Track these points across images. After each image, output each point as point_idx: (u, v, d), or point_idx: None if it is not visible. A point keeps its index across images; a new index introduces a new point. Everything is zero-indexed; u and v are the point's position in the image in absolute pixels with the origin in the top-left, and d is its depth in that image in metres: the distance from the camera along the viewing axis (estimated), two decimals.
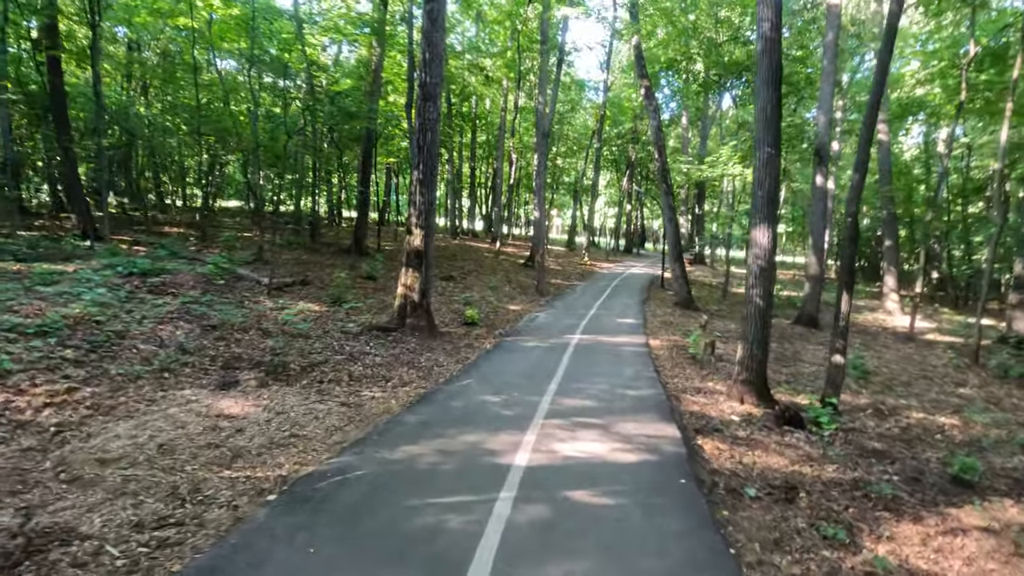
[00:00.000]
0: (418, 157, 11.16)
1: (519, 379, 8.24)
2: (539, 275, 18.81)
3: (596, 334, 12.50)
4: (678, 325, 15.07)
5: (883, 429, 8.24)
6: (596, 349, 10.93)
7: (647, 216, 49.36)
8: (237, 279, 12.98)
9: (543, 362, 9.50)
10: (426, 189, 11.11)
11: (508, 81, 28.69)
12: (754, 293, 8.17)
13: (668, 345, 12.21)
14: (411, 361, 9.09)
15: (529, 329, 12.73)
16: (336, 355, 8.84)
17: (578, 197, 40.39)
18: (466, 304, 14.57)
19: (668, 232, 18.95)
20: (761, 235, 8.06)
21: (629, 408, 7.14)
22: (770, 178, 7.99)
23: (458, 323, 12.65)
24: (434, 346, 10.27)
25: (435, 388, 7.54)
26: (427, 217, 11.18)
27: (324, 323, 10.68)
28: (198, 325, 9.01)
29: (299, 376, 7.51)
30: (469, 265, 21.58)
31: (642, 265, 32.35)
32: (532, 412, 6.53)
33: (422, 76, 11.25)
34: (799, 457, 6.49)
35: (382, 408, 6.35)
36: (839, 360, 8.61)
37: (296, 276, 14.35)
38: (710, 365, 10.93)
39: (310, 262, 17.19)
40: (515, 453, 5.14)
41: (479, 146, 34.58)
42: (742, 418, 7.66)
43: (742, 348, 8.40)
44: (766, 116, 7.99)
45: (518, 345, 10.95)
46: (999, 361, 12.54)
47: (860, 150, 8.53)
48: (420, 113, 11.24)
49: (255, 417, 5.53)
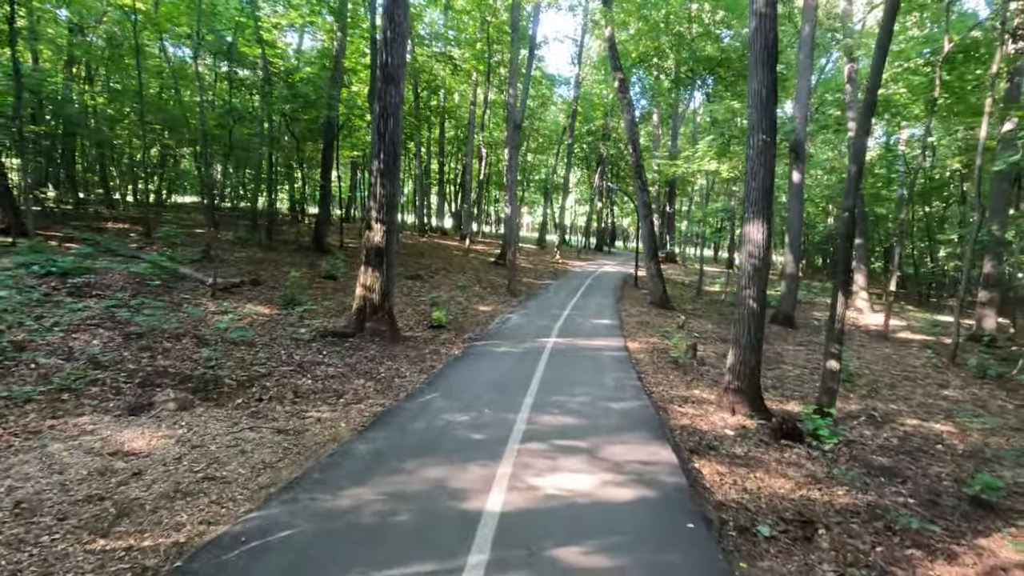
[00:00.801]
0: (379, 145, 10.06)
1: (491, 392, 7.26)
2: (510, 274, 17.86)
3: (572, 337, 11.62)
4: (655, 325, 14.35)
5: (882, 439, 7.59)
6: (573, 354, 10.04)
7: (617, 214, 48.96)
8: (179, 279, 11.63)
9: (517, 370, 8.55)
10: (388, 180, 10.03)
11: (478, 74, 27.63)
12: (747, 294, 7.39)
13: (647, 348, 11.42)
14: (369, 372, 8.02)
15: (501, 332, 11.76)
16: (282, 366, 7.70)
17: (549, 195, 39.61)
18: (433, 305, 13.51)
19: (642, 229, 18.25)
20: (755, 231, 7.29)
21: (615, 425, 6.25)
22: (764, 168, 7.22)
23: (424, 326, 11.60)
24: (396, 353, 9.20)
25: (394, 405, 6.50)
26: (389, 211, 10.09)
27: (272, 328, 9.49)
28: (120, 333, 7.74)
29: (233, 394, 6.36)
30: (437, 263, 20.47)
31: (614, 263, 31.73)
32: (506, 434, 5.57)
33: (383, 56, 10.15)
34: (804, 478, 5.71)
35: (328, 434, 5.28)
36: (834, 366, 7.92)
37: (247, 276, 13.05)
38: (693, 370, 10.18)
39: (265, 260, 15.84)
40: (487, 494, 4.17)
41: (448, 141, 33.40)
42: (736, 432, 6.87)
43: (733, 354, 7.62)
44: (760, 100, 7.21)
45: (489, 351, 9.97)
46: (979, 361, 12.17)
47: (856, 140, 7.86)
48: (381, 97, 10.14)
49: (163, 453, 4.40)
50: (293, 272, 12.46)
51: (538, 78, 29.34)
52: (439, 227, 32.30)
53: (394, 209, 10.28)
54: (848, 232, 7.79)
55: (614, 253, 42.79)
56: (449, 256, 22.97)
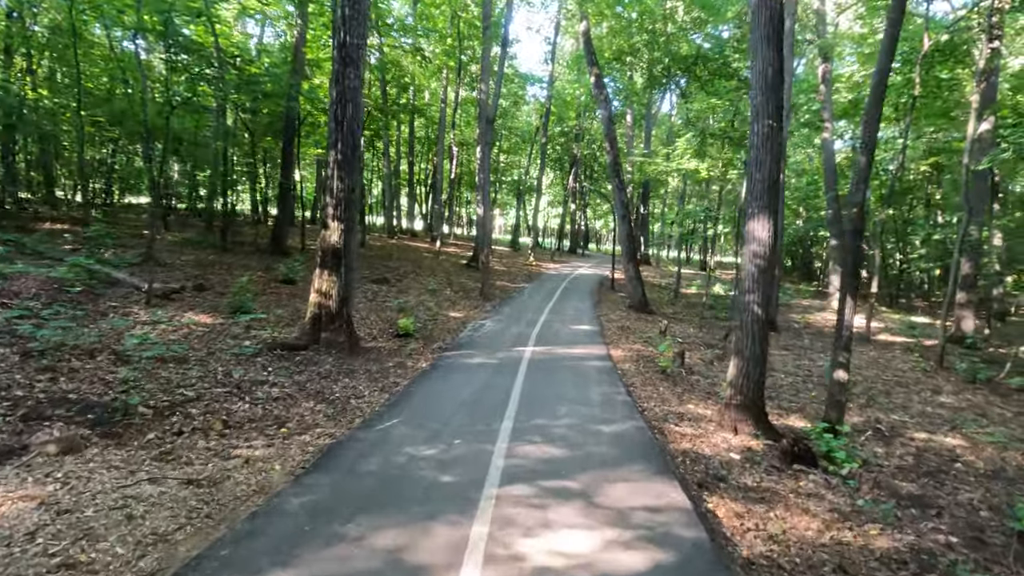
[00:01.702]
0: (336, 134, 8.88)
1: (463, 414, 6.18)
2: (483, 277, 16.79)
3: (551, 345, 10.62)
4: (636, 331, 13.47)
5: (898, 458, 6.81)
6: (554, 365, 9.03)
7: (590, 216, 48.36)
8: (110, 285, 10.20)
9: (492, 387, 7.48)
10: (346, 173, 8.85)
11: (448, 71, 26.50)
12: (751, 300, 6.51)
13: (632, 356, 10.50)
14: (321, 391, 6.84)
15: (474, 341, 10.68)
16: (216, 387, 6.47)
17: (522, 196, 38.66)
18: (400, 311, 12.33)
19: (620, 231, 17.42)
20: (760, 228, 6.41)
21: (610, 455, 5.25)
22: (771, 157, 6.35)
23: (389, 335, 10.43)
24: (355, 368, 8.02)
25: (346, 436, 5.36)
26: (347, 208, 8.92)
27: (212, 341, 8.20)
28: (18, 351, 6.38)
29: (146, 426, 5.13)
30: (406, 266, 19.25)
31: (589, 265, 30.94)
32: (481, 474, 4.51)
33: (341, 36, 9.00)
34: (830, 514, 4.82)
35: (255, 483, 4.13)
36: (842, 376, 7.11)
37: (192, 280, 11.64)
38: (682, 380, 9.29)
39: (217, 264, 14.38)
40: (457, 571, 3.10)
41: (418, 141, 32.13)
42: (743, 456, 5.96)
43: (735, 366, 6.72)
44: (766, 81, 6.34)
45: (461, 363, 8.87)
46: (969, 365, 11.65)
47: (865, 129, 7.07)
48: (338, 80, 8.98)
49: (12, 525, 3.19)
50: (243, 276, 11.12)
51: (510, 76, 28.39)
52: (409, 229, 30.97)
53: (353, 206, 9.11)
54: (857, 229, 6.99)
55: (588, 255, 42.09)
56: (419, 258, 21.76)
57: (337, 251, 8.76)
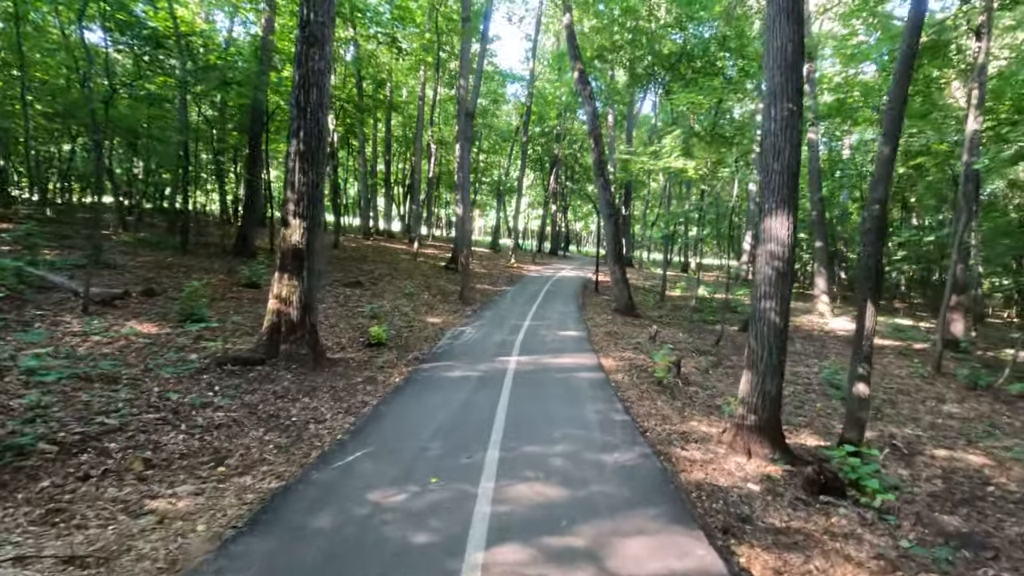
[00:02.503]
0: (299, 121, 7.86)
1: (440, 442, 5.24)
2: (463, 280, 15.83)
3: (537, 354, 9.72)
4: (625, 336, 12.66)
5: (925, 481, 6.08)
6: (542, 377, 8.13)
7: (571, 218, 47.70)
8: (43, 289, 8.98)
9: (475, 405, 6.55)
10: (309, 165, 7.83)
11: (426, 68, 25.47)
12: (768, 307, 5.70)
13: (624, 365, 9.66)
14: (275, 415, 5.82)
15: (453, 350, 9.71)
16: (148, 412, 5.40)
17: (502, 197, 37.76)
18: (373, 317, 11.30)
19: (606, 231, 16.64)
20: (778, 225, 5.61)
21: (619, 497, 4.36)
22: (791, 145, 5.55)
23: (360, 344, 9.40)
24: (318, 384, 7.00)
25: (298, 476, 4.37)
26: (311, 204, 7.90)
27: (153, 355, 7.09)
28: None
29: (43, 471, 4.07)
30: (382, 268, 18.17)
31: (571, 267, 30.16)
32: (463, 529, 3.58)
33: (304, 13, 7.98)
34: (876, 562, 4.02)
35: (164, 555, 3.12)
36: (863, 391, 6.36)
37: (142, 284, 10.45)
38: (680, 392, 8.48)
39: (176, 266, 13.17)
40: None
41: (396, 140, 30.99)
42: (763, 486, 5.14)
43: (748, 381, 5.91)
44: (785, 59, 5.55)
45: (439, 377, 7.91)
46: (970, 371, 11.13)
47: (889, 116, 6.34)
48: (301, 62, 7.96)
49: None
50: (195, 280, 9.97)
51: (490, 73, 27.48)
52: (386, 230, 29.80)
53: (319, 201, 8.07)
54: (878, 228, 6.25)
55: (569, 257, 41.39)
56: (396, 260, 20.67)
57: (299, 252, 7.73)
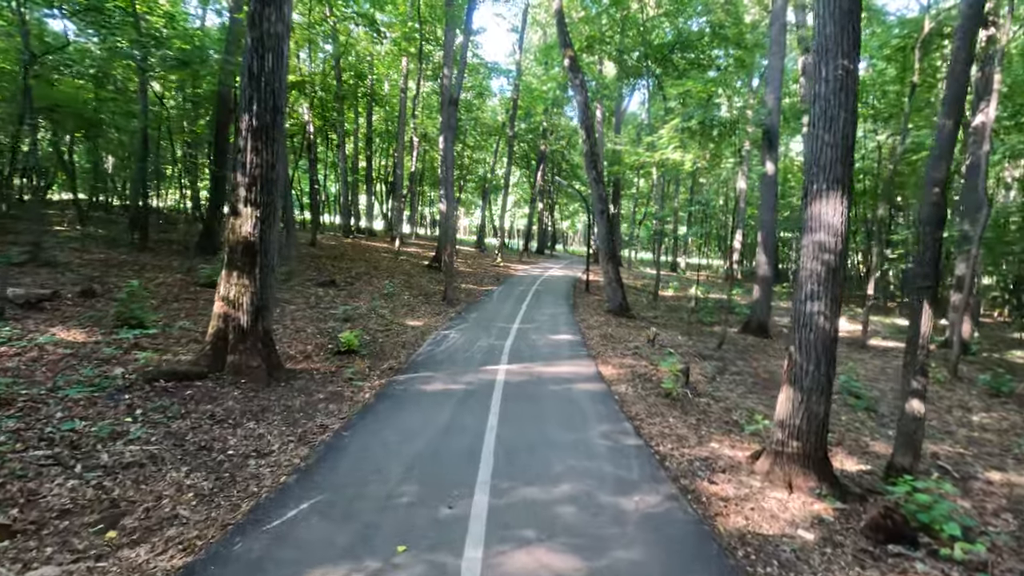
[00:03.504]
0: (250, 91, 6.62)
1: (413, 487, 4.06)
2: (447, 279, 14.63)
3: (529, 361, 8.58)
4: (622, 340, 11.58)
5: (993, 516, 5.07)
6: (536, 391, 6.99)
7: (557, 217, 46.64)
8: None
9: (457, 430, 5.38)
10: (263, 144, 6.59)
11: (409, 58, 24.18)
12: (815, 309, 4.63)
13: (625, 374, 8.56)
14: (207, 448, 4.59)
15: (434, 358, 8.52)
16: (36, 448, 4.15)
17: (487, 195, 36.55)
18: (346, 320, 10.07)
19: (598, 227, 15.58)
20: (829, 211, 4.54)
21: (651, 568, 3.23)
22: (845, 111, 4.49)
23: (328, 352, 8.17)
24: (270, 403, 5.77)
25: (213, 546, 3.17)
26: (266, 189, 6.65)
27: (69, 368, 5.80)
28: None
29: None
30: (360, 267, 16.88)
31: (559, 267, 29.09)
32: None
33: None
34: None
35: None
36: (918, 409, 5.33)
37: (82, 284, 9.09)
38: (692, 405, 7.41)
39: (129, 264, 11.80)
40: None
41: (378, 135, 29.61)
42: (817, 534, 4.07)
43: (789, 400, 4.84)
44: (840, 8, 4.48)
45: (416, 391, 6.72)
46: (992, 376, 10.27)
47: (950, 84, 5.31)
48: (255, 22, 6.71)
49: None
50: (134, 281, 8.65)
51: (476, 66, 26.28)
52: (367, 228, 28.41)
53: (275, 186, 6.82)
54: (938, 216, 5.22)
55: (556, 256, 40.32)
56: (376, 259, 19.38)
57: (251, 245, 6.48)
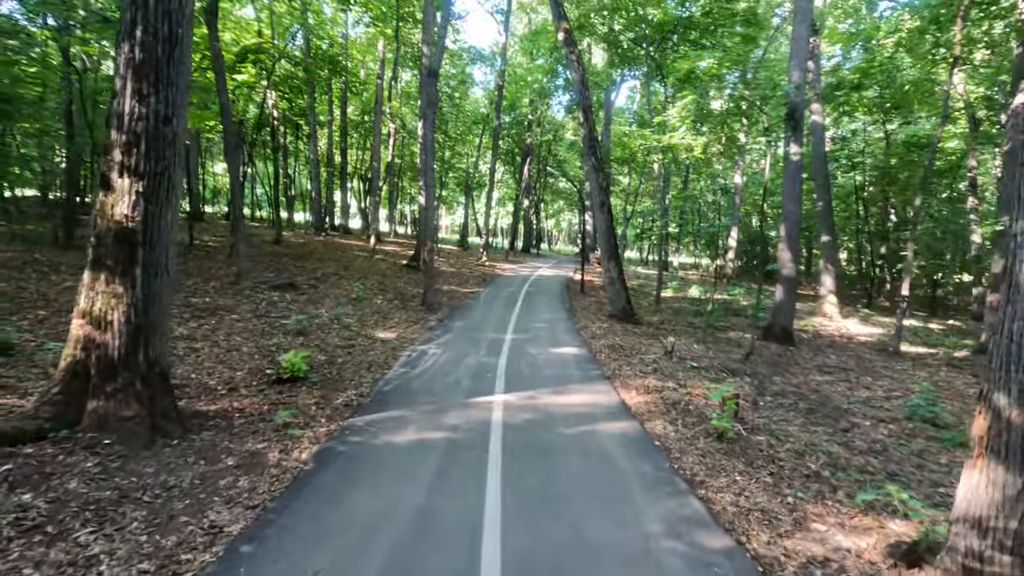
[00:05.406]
0: (132, 10, 4.42)
1: None
2: (427, 280, 12.50)
3: (531, 388, 6.52)
4: (635, 352, 9.59)
5: None
6: (548, 442, 4.92)
7: (542, 216, 44.63)
8: None
9: (436, 533, 3.29)
10: (151, 86, 4.41)
11: (386, 41, 21.92)
12: None
13: (656, 403, 6.54)
14: None
15: (408, 386, 6.38)
16: None
17: (470, 192, 34.38)
18: (298, 334, 7.87)
19: (598, 222, 13.61)
20: None
21: None
22: None
23: (264, 380, 5.98)
24: (139, 484, 3.59)
25: None
26: (155, 154, 4.45)
27: None
28: None
29: None
30: (328, 267, 14.63)
31: (548, 266, 27.06)
32: None
33: None
34: None
35: None
36: None
37: None
38: (751, 447, 5.44)
39: (40, 264, 9.46)
40: None
41: (352, 126, 27.26)
42: None
43: (992, 485, 2.86)
44: None
45: (377, 445, 4.60)
46: None
47: None
48: None
49: None
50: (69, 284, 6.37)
51: (457, 52, 24.13)
52: (343, 226, 26.04)
53: (170, 148, 4.60)
54: None
55: (543, 255, 38.33)
56: (348, 258, 17.13)
57: (127, 235, 4.29)
